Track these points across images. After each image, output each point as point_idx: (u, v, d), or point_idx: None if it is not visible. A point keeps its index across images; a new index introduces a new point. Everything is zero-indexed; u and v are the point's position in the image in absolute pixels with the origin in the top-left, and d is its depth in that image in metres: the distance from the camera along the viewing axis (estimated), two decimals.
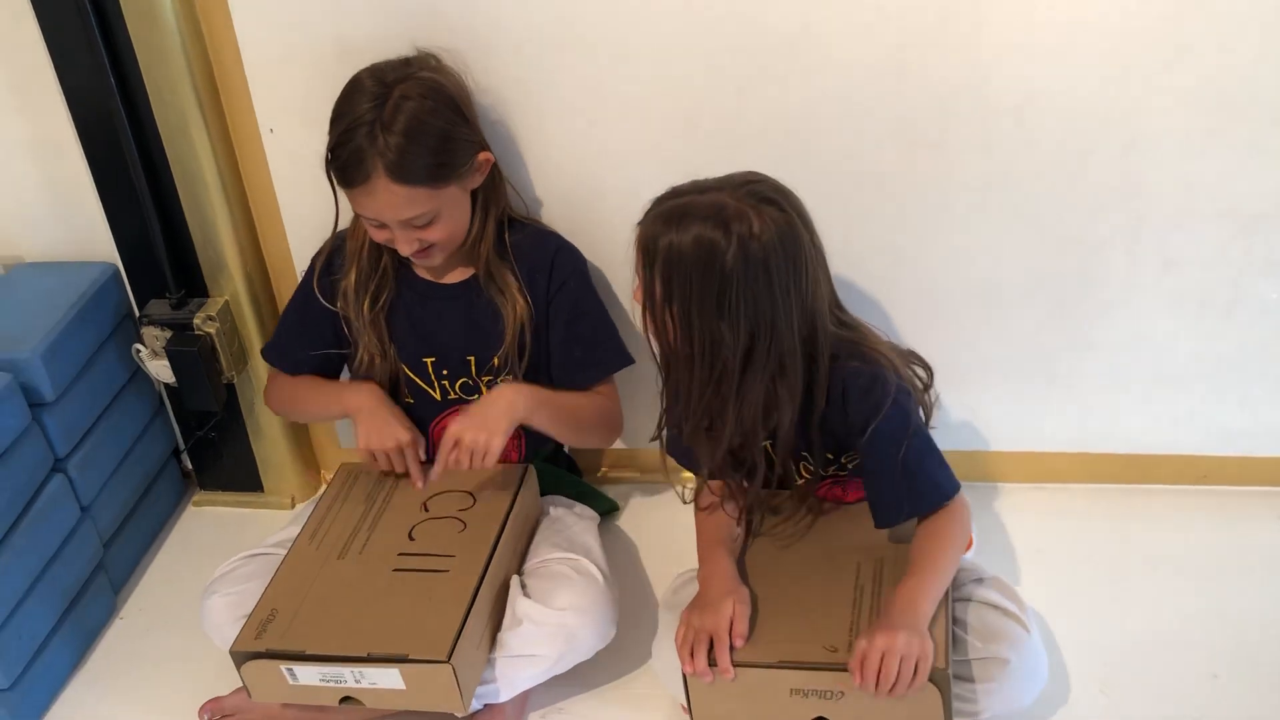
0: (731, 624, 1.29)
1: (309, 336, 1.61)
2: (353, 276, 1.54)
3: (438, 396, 1.60)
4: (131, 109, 1.56)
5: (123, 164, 1.59)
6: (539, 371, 1.58)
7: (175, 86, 1.54)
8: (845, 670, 1.23)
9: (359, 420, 1.53)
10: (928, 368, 1.43)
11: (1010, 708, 1.35)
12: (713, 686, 1.28)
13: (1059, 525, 1.72)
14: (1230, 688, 1.46)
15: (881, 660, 1.21)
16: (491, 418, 1.45)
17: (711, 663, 1.28)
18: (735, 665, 1.27)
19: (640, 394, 1.71)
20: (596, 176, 1.59)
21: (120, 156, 1.59)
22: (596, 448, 1.85)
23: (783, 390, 1.28)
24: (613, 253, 1.64)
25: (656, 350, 1.34)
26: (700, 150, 1.54)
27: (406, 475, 1.55)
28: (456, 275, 1.55)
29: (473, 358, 1.56)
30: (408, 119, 1.38)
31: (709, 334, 1.25)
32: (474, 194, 1.49)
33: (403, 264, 1.55)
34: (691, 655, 1.28)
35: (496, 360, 1.55)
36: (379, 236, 1.46)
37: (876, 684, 1.21)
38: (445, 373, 1.58)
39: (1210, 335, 1.63)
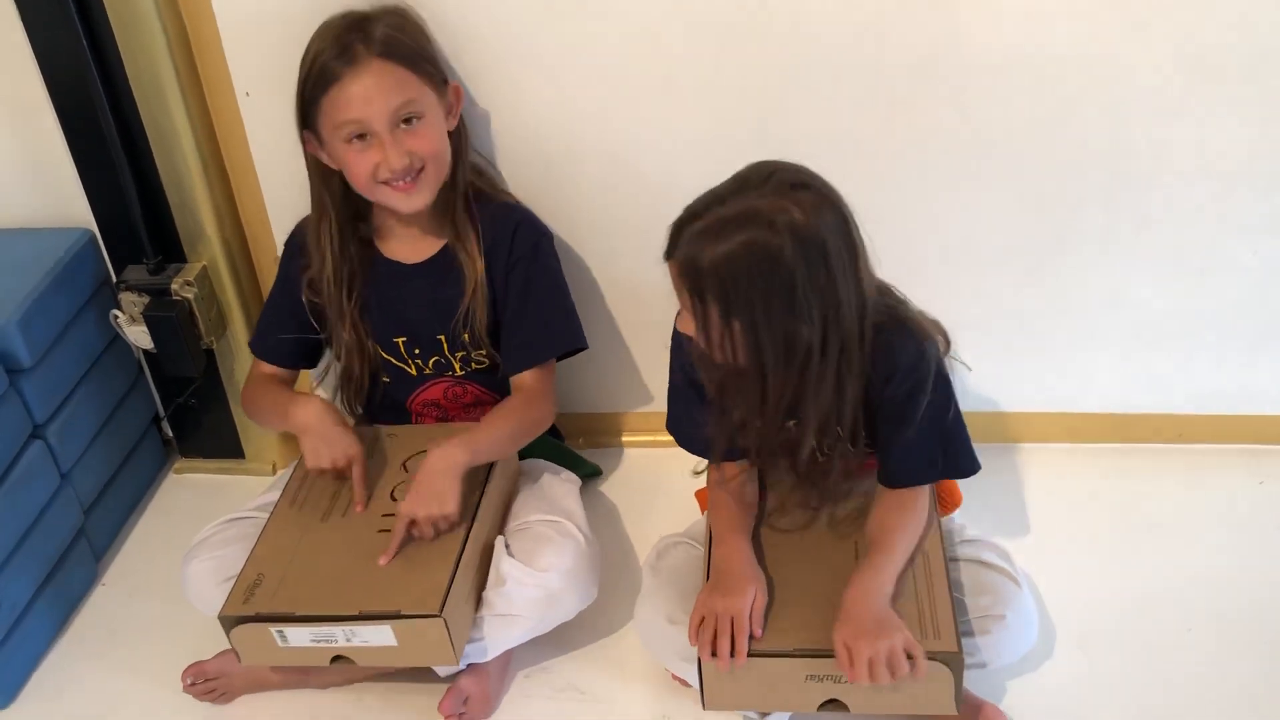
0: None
1: (289, 323, 1.59)
2: (325, 266, 1.52)
3: (414, 373, 1.60)
4: (105, 72, 1.54)
5: (97, 128, 1.58)
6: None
7: (149, 49, 1.52)
8: None
9: (303, 439, 1.49)
10: (946, 335, 1.38)
11: (1007, 659, 1.38)
12: (728, 672, 1.27)
13: (1035, 485, 1.74)
14: (1204, 642, 1.49)
15: (871, 666, 1.22)
16: (439, 488, 1.40)
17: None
18: (753, 655, 1.26)
19: (609, 361, 1.72)
20: (572, 137, 1.58)
21: (95, 121, 1.57)
22: None
23: (846, 370, 1.24)
24: (585, 216, 1.65)
25: (707, 374, 1.31)
26: (677, 110, 1.54)
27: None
28: (423, 251, 1.54)
29: (443, 336, 1.56)
30: (387, 27, 1.41)
31: (783, 336, 1.20)
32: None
33: (368, 246, 1.54)
34: (713, 642, 1.26)
35: (467, 336, 1.55)
36: (364, 162, 1.42)
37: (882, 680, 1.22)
38: (417, 351, 1.59)
39: (1186, 294, 1.65)
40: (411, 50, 1.42)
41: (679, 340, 1.38)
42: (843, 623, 1.25)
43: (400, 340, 1.58)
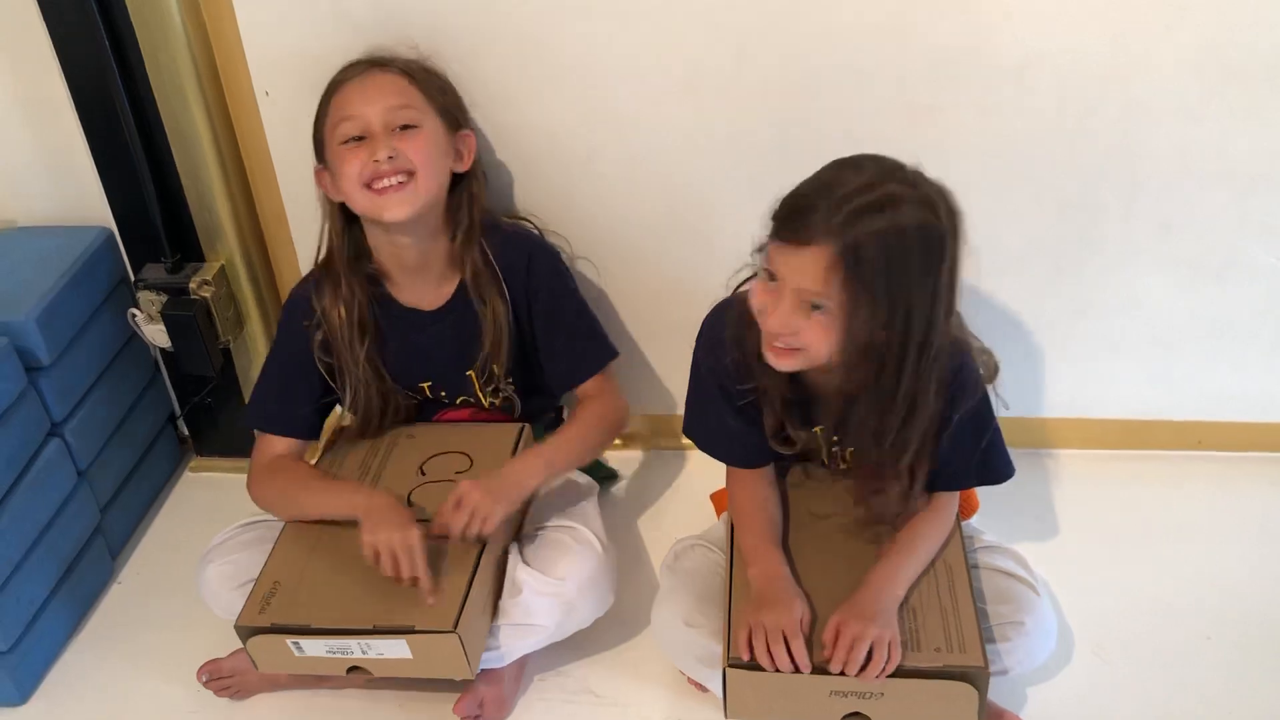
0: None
1: (301, 393, 1.53)
2: (338, 310, 1.49)
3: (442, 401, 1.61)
4: (125, 70, 1.55)
5: (117, 126, 1.58)
6: (532, 370, 1.58)
7: (170, 47, 1.52)
8: None
9: (365, 519, 1.38)
10: (990, 354, 1.39)
11: (1026, 667, 1.37)
12: (752, 684, 1.27)
13: (1053, 490, 1.73)
14: (1223, 650, 1.48)
15: (853, 646, 1.23)
16: (502, 490, 1.40)
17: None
18: (779, 670, 1.26)
19: (624, 364, 1.71)
20: (593, 139, 1.58)
21: (114, 119, 1.58)
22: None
23: (928, 381, 1.23)
24: (604, 218, 1.64)
25: (832, 371, 1.25)
26: (698, 113, 1.54)
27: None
28: (439, 297, 1.52)
29: (472, 373, 1.56)
30: (406, 58, 1.46)
31: (924, 319, 1.17)
32: (459, 184, 1.48)
33: (383, 295, 1.52)
34: (769, 652, 1.25)
35: (496, 368, 1.54)
36: (354, 160, 1.40)
37: (854, 666, 1.23)
38: (443, 394, 1.58)
39: (1206, 299, 1.64)
40: (424, 73, 1.45)
41: (713, 345, 1.37)
42: (844, 607, 1.27)
43: (425, 385, 1.58)
